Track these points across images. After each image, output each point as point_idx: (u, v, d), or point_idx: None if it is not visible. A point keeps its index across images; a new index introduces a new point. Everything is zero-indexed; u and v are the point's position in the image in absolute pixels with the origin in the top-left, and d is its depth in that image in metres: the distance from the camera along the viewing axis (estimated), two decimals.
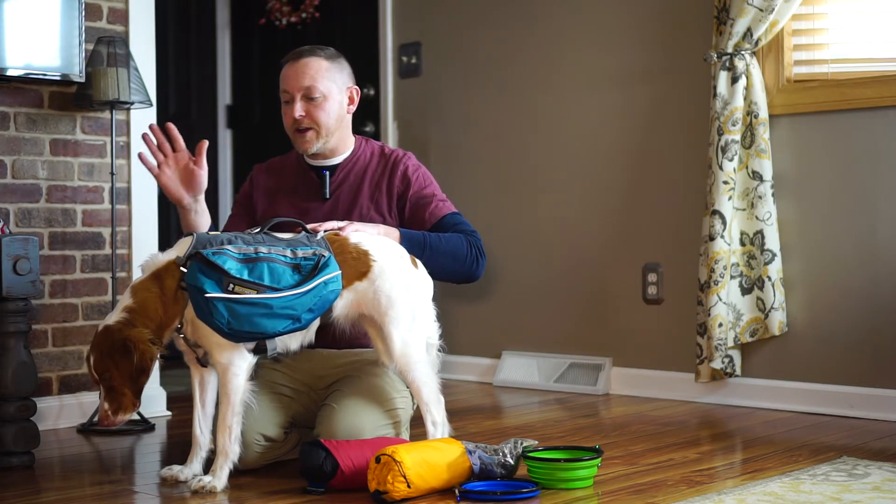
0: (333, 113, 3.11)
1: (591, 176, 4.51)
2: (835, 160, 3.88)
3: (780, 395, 3.95)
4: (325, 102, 3.09)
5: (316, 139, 3.11)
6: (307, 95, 3.08)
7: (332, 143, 3.14)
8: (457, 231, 3.08)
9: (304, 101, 3.09)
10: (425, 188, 3.14)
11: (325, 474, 2.67)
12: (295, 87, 3.09)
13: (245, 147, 6.05)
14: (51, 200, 3.79)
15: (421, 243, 2.99)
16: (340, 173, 3.18)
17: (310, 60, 3.10)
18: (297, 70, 3.10)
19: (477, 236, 3.10)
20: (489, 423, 3.78)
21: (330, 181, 3.16)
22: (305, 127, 3.09)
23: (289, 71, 3.12)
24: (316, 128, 3.10)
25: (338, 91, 3.12)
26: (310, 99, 3.08)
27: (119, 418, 2.66)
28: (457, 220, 3.12)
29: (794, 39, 3.98)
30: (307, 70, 3.09)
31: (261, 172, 3.29)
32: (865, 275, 3.80)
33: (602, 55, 4.48)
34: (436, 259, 2.99)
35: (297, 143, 3.14)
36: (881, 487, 2.69)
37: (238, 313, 2.64)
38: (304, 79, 3.08)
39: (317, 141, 3.12)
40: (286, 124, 3.14)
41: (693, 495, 2.65)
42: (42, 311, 3.74)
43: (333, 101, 3.11)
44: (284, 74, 3.13)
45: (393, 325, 2.82)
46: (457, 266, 3.04)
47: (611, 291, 4.45)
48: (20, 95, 3.72)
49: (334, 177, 3.17)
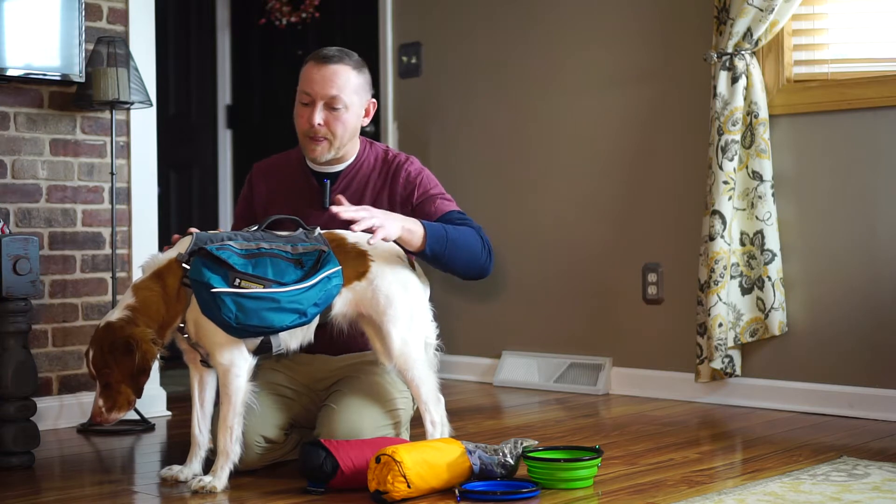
0: (350, 125, 3.03)
1: (591, 176, 4.51)
2: (835, 160, 3.87)
3: (780, 395, 3.95)
4: (345, 114, 3.00)
5: (328, 149, 3.03)
6: (330, 105, 2.99)
7: (340, 153, 3.07)
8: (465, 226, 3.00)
9: (325, 109, 2.99)
10: (430, 189, 3.07)
11: (325, 474, 2.67)
12: (320, 93, 2.97)
13: (245, 147, 6.04)
14: (51, 200, 3.79)
15: (443, 235, 2.89)
16: (342, 181, 3.10)
17: (339, 69, 2.99)
18: (326, 76, 2.98)
19: (483, 232, 3.04)
20: (489, 423, 3.78)
21: (331, 190, 3.08)
22: (321, 136, 3.00)
23: (315, 74, 3.00)
24: (331, 138, 3.01)
25: (359, 104, 3.04)
26: (331, 108, 2.99)
27: (113, 416, 2.64)
28: (463, 217, 3.04)
29: (794, 39, 3.98)
30: (336, 79, 2.98)
31: (259, 177, 3.21)
32: (865, 275, 3.80)
33: (602, 55, 4.48)
34: (456, 252, 2.91)
35: (308, 148, 3.04)
36: (881, 487, 2.69)
37: (246, 308, 2.63)
38: (332, 88, 2.98)
39: (328, 151, 3.03)
40: (300, 126, 3.04)
41: (693, 495, 2.65)
42: (42, 311, 3.74)
43: (353, 113, 3.02)
44: (310, 76, 3.00)
45: (392, 325, 2.82)
46: (473, 259, 2.96)
47: (611, 291, 4.45)
48: (20, 95, 3.72)
49: (335, 185, 3.09)
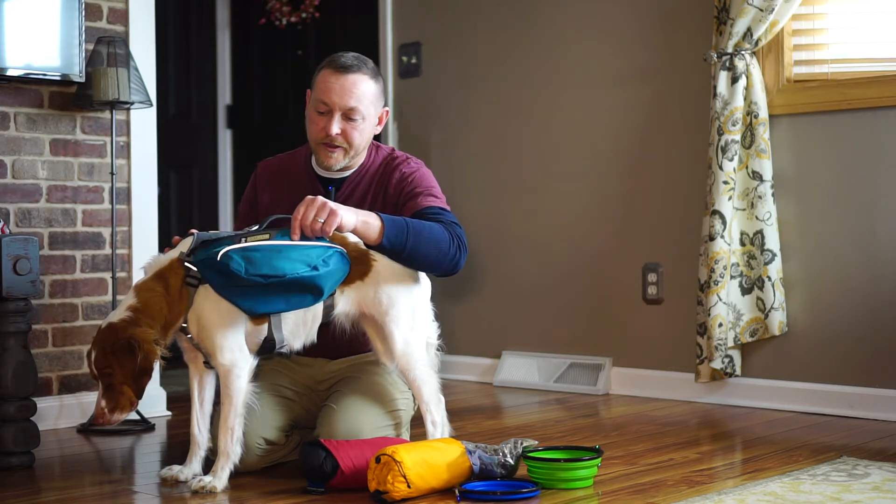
0: (367, 135, 3.02)
1: (590, 176, 4.51)
2: (835, 160, 3.87)
3: (780, 395, 3.95)
4: (362, 124, 2.98)
5: (343, 158, 3.00)
6: (348, 115, 2.97)
7: (354, 161, 3.05)
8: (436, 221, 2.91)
9: (342, 119, 2.96)
10: (417, 187, 3.01)
11: (325, 474, 2.68)
12: (338, 103, 2.94)
13: (245, 147, 6.04)
14: (51, 200, 3.79)
15: (403, 230, 2.82)
16: (347, 188, 3.07)
17: (358, 79, 2.96)
18: (345, 86, 2.95)
19: (458, 228, 2.92)
20: (489, 423, 3.78)
21: (335, 197, 3.05)
22: (337, 145, 2.98)
23: (334, 83, 2.96)
24: (347, 147, 2.98)
25: (375, 114, 3.02)
26: (349, 119, 2.97)
27: (115, 417, 2.64)
28: (437, 211, 2.94)
29: (794, 39, 3.98)
30: (355, 90, 2.95)
31: (264, 183, 3.17)
32: (865, 275, 3.80)
33: (602, 55, 4.48)
34: (419, 247, 2.83)
35: (322, 156, 3.01)
36: (881, 487, 2.69)
37: (254, 259, 2.63)
38: (351, 99, 2.95)
39: (343, 160, 3.01)
40: (314, 134, 3.01)
41: (693, 495, 2.65)
42: (42, 311, 3.74)
43: (369, 123, 3.01)
44: (327, 85, 2.96)
45: (394, 325, 2.82)
46: (440, 256, 2.85)
47: (611, 291, 4.45)
48: (20, 95, 3.72)
49: (340, 191, 3.06)
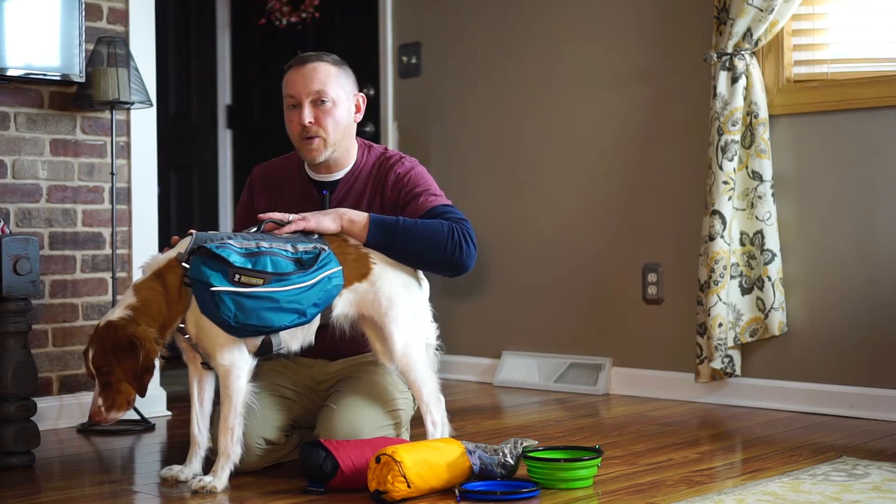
0: (342, 120, 2.99)
1: (591, 176, 4.51)
2: (835, 160, 3.87)
3: (780, 395, 3.95)
4: (334, 109, 2.97)
5: (324, 147, 2.99)
6: (316, 100, 2.95)
7: (337, 153, 3.03)
8: (444, 219, 2.89)
9: (312, 107, 2.96)
10: (416, 187, 3.00)
11: (325, 474, 2.67)
12: (303, 91, 2.95)
13: (245, 147, 6.04)
14: (51, 200, 3.79)
15: (392, 228, 2.82)
16: (341, 191, 3.06)
17: (318, 65, 2.97)
18: (305, 74, 2.96)
19: (466, 224, 2.90)
20: (489, 423, 3.78)
21: (330, 200, 3.05)
22: (313, 134, 2.97)
23: (295, 76, 2.98)
24: (324, 135, 2.97)
25: (346, 98, 3.01)
26: (319, 104, 2.96)
27: (112, 416, 2.64)
28: (446, 209, 2.93)
29: (794, 39, 3.98)
30: (315, 74, 2.96)
31: (259, 188, 3.17)
32: (865, 275, 3.80)
33: (602, 55, 4.48)
34: (410, 244, 2.82)
35: (304, 151, 3.01)
36: (881, 487, 2.69)
37: (245, 307, 2.63)
38: (313, 83, 2.95)
39: (324, 150, 2.99)
40: (292, 132, 3.01)
41: (693, 495, 2.65)
42: (42, 311, 3.74)
43: (342, 107, 2.99)
44: (290, 80, 2.99)
45: (394, 326, 2.83)
46: (435, 253, 2.84)
47: (611, 291, 4.45)
48: (20, 95, 3.72)
49: (335, 195, 3.06)
